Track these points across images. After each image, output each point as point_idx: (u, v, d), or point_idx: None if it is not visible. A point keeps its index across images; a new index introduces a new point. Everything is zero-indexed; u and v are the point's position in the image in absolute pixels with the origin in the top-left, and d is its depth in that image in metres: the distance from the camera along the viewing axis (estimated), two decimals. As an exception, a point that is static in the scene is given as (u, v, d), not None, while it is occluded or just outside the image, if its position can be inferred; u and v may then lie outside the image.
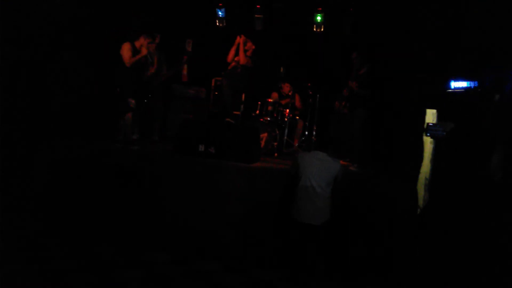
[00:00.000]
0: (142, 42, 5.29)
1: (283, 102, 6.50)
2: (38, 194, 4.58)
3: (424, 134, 4.10)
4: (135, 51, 5.21)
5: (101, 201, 4.48)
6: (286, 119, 6.16)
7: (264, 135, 6.00)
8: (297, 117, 6.59)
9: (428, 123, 3.44)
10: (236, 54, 5.96)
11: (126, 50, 5.13)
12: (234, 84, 6.00)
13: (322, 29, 7.08)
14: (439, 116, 4.20)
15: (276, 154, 5.94)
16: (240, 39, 5.93)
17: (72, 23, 5.42)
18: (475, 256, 3.21)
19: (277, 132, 6.23)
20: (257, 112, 6.29)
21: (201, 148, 4.74)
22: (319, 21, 6.96)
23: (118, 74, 5.16)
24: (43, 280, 3.37)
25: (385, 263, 3.97)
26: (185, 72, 6.65)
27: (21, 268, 3.56)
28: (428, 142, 4.33)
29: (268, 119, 6.08)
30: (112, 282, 3.45)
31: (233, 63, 6.03)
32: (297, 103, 6.67)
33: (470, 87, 3.79)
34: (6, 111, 4.65)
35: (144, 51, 5.29)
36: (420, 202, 4.25)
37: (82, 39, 5.63)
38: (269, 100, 6.21)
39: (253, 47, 6.10)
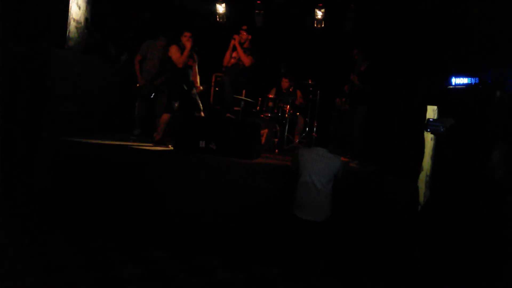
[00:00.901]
0: (183, 40, 5.29)
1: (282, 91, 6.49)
2: (40, 192, 4.59)
3: (424, 130, 4.09)
4: (182, 51, 5.28)
5: (102, 198, 4.49)
6: (286, 115, 6.16)
7: (264, 131, 6.00)
8: (298, 113, 6.59)
9: (428, 119, 3.44)
10: (234, 49, 5.94)
11: (174, 52, 5.23)
12: (235, 80, 5.99)
13: (323, 25, 7.07)
14: (440, 113, 4.20)
15: (276, 150, 5.95)
16: (234, 41, 5.88)
17: (73, 21, 5.41)
18: (475, 254, 3.22)
19: (278, 128, 6.23)
20: (258, 108, 6.29)
21: (202, 144, 4.74)
22: None
23: (170, 76, 5.34)
24: (45, 277, 3.38)
25: (385, 259, 3.99)
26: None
27: (22, 264, 3.57)
28: (428, 139, 4.33)
29: (269, 115, 6.07)
30: (114, 278, 3.47)
31: (233, 60, 6.01)
32: (299, 99, 6.66)
33: (471, 83, 3.79)
34: (6, 109, 4.65)
35: (188, 45, 5.25)
36: (421, 198, 4.25)
37: (82, 37, 5.63)
38: (270, 96, 6.21)
39: (249, 37, 6.05)
